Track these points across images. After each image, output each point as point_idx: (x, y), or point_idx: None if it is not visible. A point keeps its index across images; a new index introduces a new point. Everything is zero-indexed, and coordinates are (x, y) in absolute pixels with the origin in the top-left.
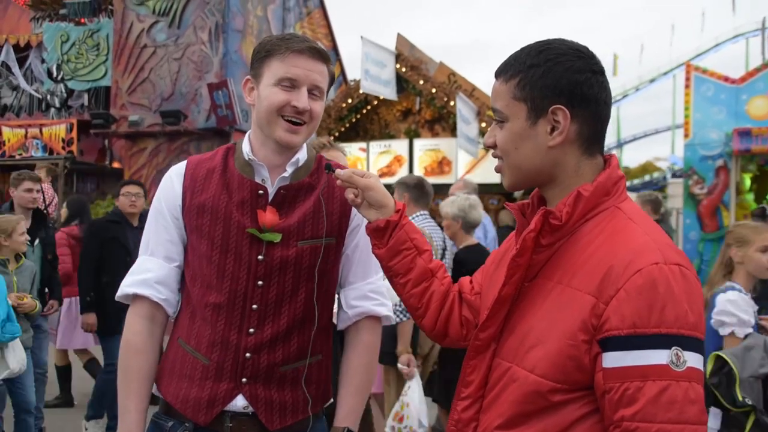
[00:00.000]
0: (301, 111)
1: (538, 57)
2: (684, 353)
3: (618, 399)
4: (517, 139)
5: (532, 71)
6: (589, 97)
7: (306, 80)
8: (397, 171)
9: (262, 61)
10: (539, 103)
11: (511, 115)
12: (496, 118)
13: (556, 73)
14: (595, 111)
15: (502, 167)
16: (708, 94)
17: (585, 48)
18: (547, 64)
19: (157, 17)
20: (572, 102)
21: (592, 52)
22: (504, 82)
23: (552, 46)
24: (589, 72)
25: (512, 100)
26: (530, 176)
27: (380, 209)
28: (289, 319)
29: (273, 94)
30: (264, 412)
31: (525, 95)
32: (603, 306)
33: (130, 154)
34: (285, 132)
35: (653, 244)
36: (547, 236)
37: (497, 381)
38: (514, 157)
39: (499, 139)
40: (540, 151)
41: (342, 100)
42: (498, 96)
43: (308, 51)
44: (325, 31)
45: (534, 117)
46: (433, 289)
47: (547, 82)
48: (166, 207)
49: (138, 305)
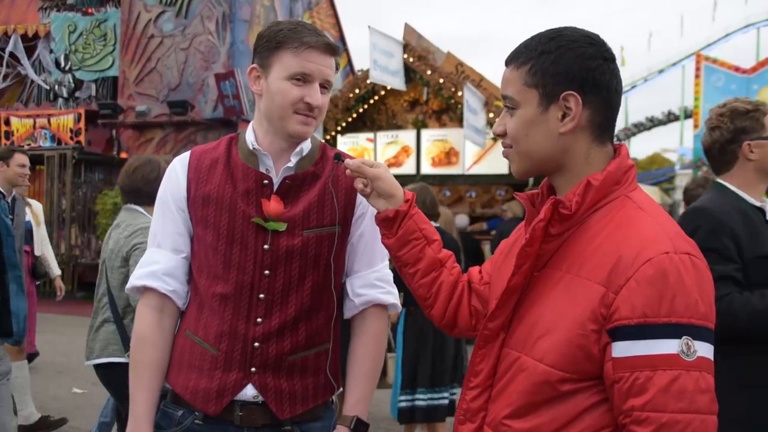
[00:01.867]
0: (314, 107)
1: (549, 44)
2: (694, 343)
3: (628, 389)
4: (528, 125)
5: (544, 57)
6: (600, 84)
7: (319, 76)
8: (405, 161)
9: (272, 51)
10: (551, 89)
11: (523, 101)
12: (507, 105)
13: (568, 59)
14: (607, 98)
15: (511, 154)
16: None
17: (596, 35)
18: (559, 51)
19: (164, 7)
20: (584, 88)
21: (603, 40)
22: (515, 68)
23: (563, 33)
24: (600, 59)
25: (524, 87)
26: (540, 163)
27: (389, 199)
28: (296, 308)
29: (287, 89)
30: (274, 401)
31: (536, 81)
32: (613, 296)
33: (138, 144)
34: (299, 125)
35: (663, 234)
36: (557, 226)
37: (506, 370)
38: (525, 143)
39: (510, 126)
40: (551, 137)
41: (349, 91)
42: (509, 83)
43: (323, 47)
44: (333, 21)
45: (546, 103)
46: (442, 279)
47: (558, 69)
48: (171, 198)
49: (147, 297)
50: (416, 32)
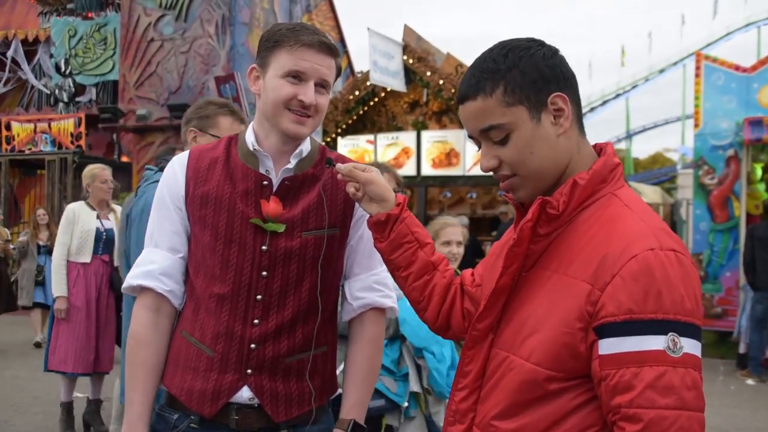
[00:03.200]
0: (307, 105)
1: (508, 59)
2: (681, 339)
3: (615, 385)
4: (530, 143)
5: (513, 72)
6: (568, 77)
7: (314, 74)
8: (405, 163)
9: (270, 50)
10: (535, 98)
11: (514, 122)
12: (491, 137)
13: (534, 64)
14: (576, 88)
15: (515, 182)
16: (718, 83)
17: (533, 38)
18: (522, 61)
19: (163, 11)
20: (560, 86)
21: (541, 39)
22: (485, 97)
23: (511, 45)
24: (555, 55)
25: (507, 109)
26: (550, 176)
27: (381, 203)
28: (293, 310)
29: (280, 86)
30: (270, 404)
31: (519, 97)
32: (599, 293)
33: (138, 148)
34: (291, 123)
35: (648, 230)
36: (545, 226)
37: (495, 371)
38: (532, 162)
39: (508, 155)
40: (553, 144)
41: (349, 92)
42: (486, 114)
43: (318, 45)
44: (332, 23)
45: (536, 113)
46: (434, 282)
47: (533, 77)
48: (169, 198)
49: (143, 297)
50: (416, 33)
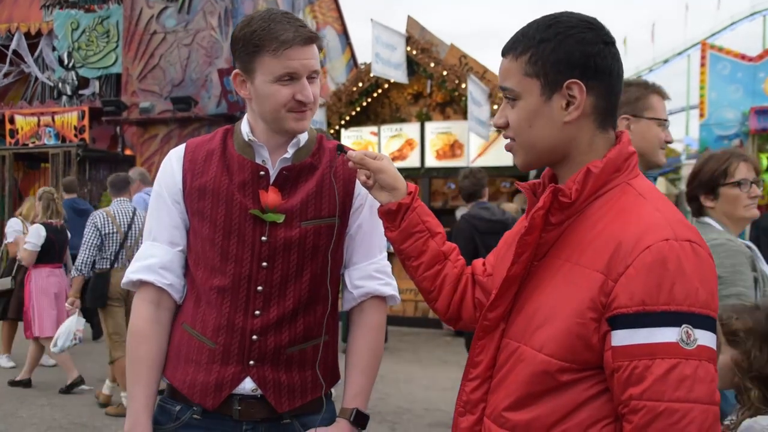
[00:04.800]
0: (306, 102)
1: (547, 31)
2: (695, 331)
3: (627, 378)
4: (531, 116)
5: (543, 45)
6: (602, 70)
7: (304, 70)
8: (409, 154)
9: (252, 56)
10: (553, 78)
11: (524, 92)
12: (507, 96)
13: (568, 46)
14: (609, 83)
15: (514, 146)
16: (724, 73)
17: (594, 19)
18: (558, 38)
19: (166, 3)
20: (586, 75)
21: (601, 24)
22: (513, 59)
23: (561, 19)
24: (601, 43)
25: (524, 77)
26: (544, 154)
27: (392, 192)
28: (294, 301)
29: (275, 91)
30: (273, 395)
31: (537, 71)
32: (612, 283)
33: (142, 140)
34: (294, 122)
35: (663, 221)
36: (557, 214)
37: (506, 361)
38: (528, 135)
39: (512, 118)
40: (555, 127)
41: (353, 84)
42: (508, 74)
43: (300, 40)
44: (335, 15)
45: (548, 93)
46: (446, 272)
47: (559, 56)
48: (166, 191)
49: (143, 291)
50: (419, 25)
